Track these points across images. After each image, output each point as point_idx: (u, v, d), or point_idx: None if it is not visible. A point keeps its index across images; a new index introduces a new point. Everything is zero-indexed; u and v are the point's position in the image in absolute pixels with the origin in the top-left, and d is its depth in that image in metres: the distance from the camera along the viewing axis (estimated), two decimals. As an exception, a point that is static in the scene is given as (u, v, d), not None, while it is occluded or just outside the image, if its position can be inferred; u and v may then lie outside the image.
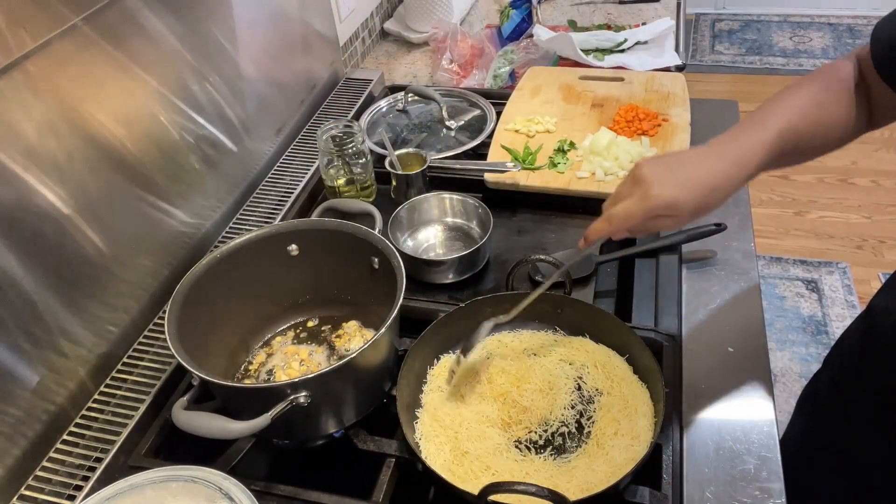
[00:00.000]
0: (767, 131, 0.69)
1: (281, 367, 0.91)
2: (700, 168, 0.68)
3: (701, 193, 0.67)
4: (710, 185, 0.67)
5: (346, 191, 1.19)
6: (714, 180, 0.67)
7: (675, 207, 0.67)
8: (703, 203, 0.67)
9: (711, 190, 0.67)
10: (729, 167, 0.68)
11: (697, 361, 0.88)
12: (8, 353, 0.77)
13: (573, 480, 0.74)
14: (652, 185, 0.67)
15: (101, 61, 0.88)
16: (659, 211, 0.68)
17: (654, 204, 0.67)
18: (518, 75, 1.54)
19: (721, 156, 0.69)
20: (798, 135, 0.70)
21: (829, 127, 0.73)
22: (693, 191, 0.67)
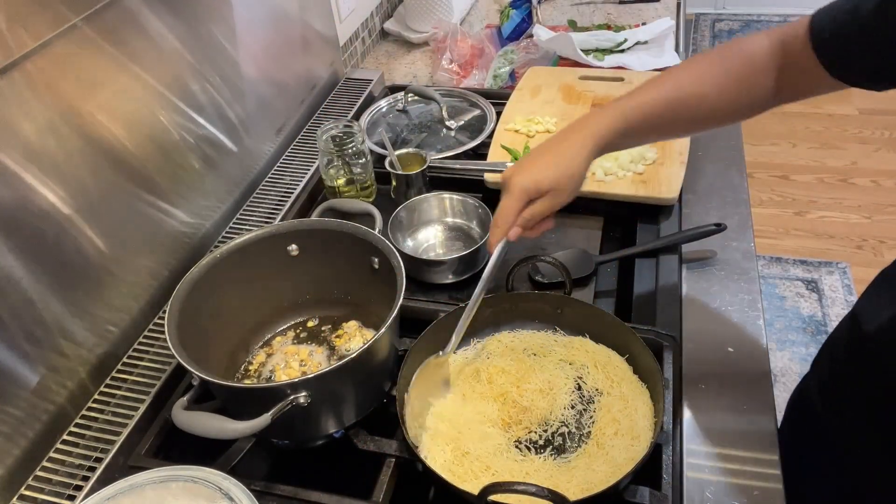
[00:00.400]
0: (616, 111, 0.79)
1: (281, 367, 0.91)
2: (551, 151, 0.79)
3: (559, 165, 0.77)
4: (563, 157, 0.77)
5: (346, 191, 1.19)
6: (566, 151, 0.78)
7: (537, 186, 0.77)
8: (561, 171, 0.77)
9: (569, 159, 0.77)
10: (573, 145, 0.78)
11: (697, 361, 0.88)
12: (8, 353, 0.77)
13: (573, 480, 0.74)
14: (510, 178, 0.78)
15: (101, 61, 0.88)
16: (526, 195, 0.77)
17: (517, 190, 0.77)
18: (518, 75, 1.54)
19: (568, 137, 0.79)
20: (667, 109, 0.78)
21: (719, 102, 0.78)
22: (549, 166, 0.77)
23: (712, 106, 0.78)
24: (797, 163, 2.98)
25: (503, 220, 0.78)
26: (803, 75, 0.74)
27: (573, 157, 0.77)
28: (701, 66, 0.79)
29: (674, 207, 1.13)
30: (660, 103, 0.78)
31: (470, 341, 0.91)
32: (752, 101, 0.79)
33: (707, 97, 0.78)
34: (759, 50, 0.76)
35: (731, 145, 1.24)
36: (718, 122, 0.82)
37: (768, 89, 0.77)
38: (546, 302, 0.91)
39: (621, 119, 0.78)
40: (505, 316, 0.92)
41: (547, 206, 0.78)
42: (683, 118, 0.80)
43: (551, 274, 1.00)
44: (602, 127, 0.78)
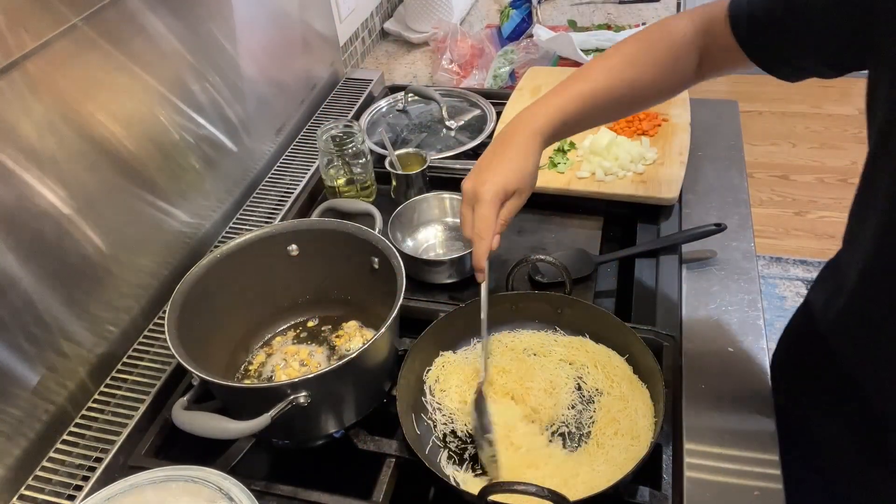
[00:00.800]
0: (552, 106, 0.81)
1: (281, 367, 0.91)
2: (501, 155, 0.80)
3: (516, 165, 0.79)
4: (515, 159, 0.79)
5: (346, 191, 1.19)
6: (517, 154, 0.79)
7: (506, 188, 0.78)
8: (521, 171, 0.79)
9: (522, 159, 0.79)
10: (522, 145, 0.80)
11: (697, 361, 0.88)
12: (8, 353, 0.77)
13: (573, 480, 0.74)
14: (477, 188, 0.78)
15: (101, 61, 0.88)
16: (498, 197, 0.78)
17: (490, 196, 0.77)
18: (518, 75, 1.54)
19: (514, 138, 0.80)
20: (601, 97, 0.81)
21: (646, 84, 0.82)
22: (508, 170, 0.78)
23: (643, 89, 0.82)
24: (797, 163, 2.98)
25: (486, 230, 0.78)
26: (725, 54, 0.78)
27: (526, 157, 0.79)
28: (629, 52, 0.82)
29: (674, 207, 1.13)
30: (595, 92, 0.81)
31: (470, 341, 0.91)
32: (678, 80, 0.83)
33: (637, 82, 0.81)
34: (682, 32, 0.80)
35: (731, 145, 1.24)
36: (648, 104, 0.87)
37: (692, 68, 0.82)
38: (546, 302, 0.91)
39: (559, 113, 0.80)
40: (505, 316, 0.92)
41: (515, 207, 0.80)
42: (617, 104, 0.83)
43: (551, 274, 1.00)
44: (543, 123, 0.80)
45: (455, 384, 0.86)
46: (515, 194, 0.79)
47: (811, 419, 0.85)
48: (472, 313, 0.90)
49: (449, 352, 0.90)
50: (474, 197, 0.78)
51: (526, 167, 0.79)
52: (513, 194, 0.79)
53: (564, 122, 0.81)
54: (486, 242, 0.79)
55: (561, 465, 0.76)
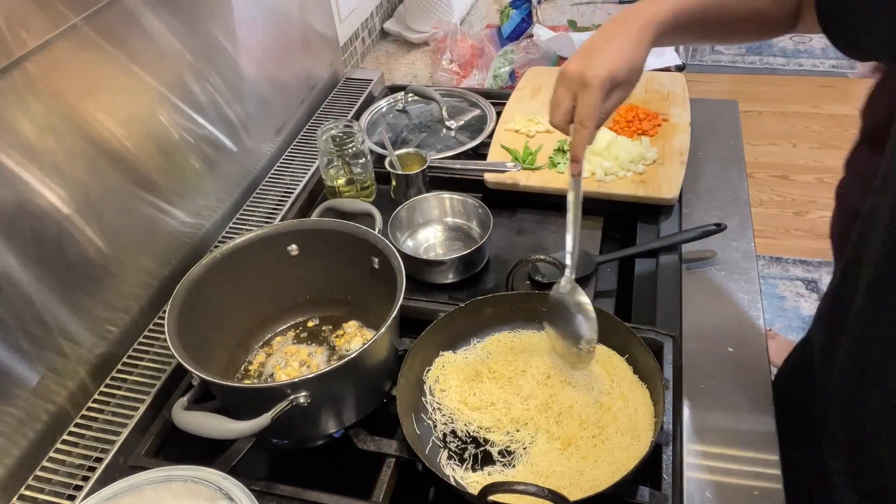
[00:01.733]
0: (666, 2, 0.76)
1: (281, 367, 0.91)
2: (612, 41, 0.75)
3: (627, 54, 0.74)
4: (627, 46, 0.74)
5: (346, 191, 1.19)
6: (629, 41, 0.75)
7: (615, 76, 0.73)
8: (632, 61, 0.74)
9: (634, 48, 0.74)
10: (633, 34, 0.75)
11: (697, 361, 0.88)
12: (8, 353, 0.77)
13: (573, 480, 0.74)
14: (585, 72, 0.73)
15: (101, 61, 0.88)
16: (606, 85, 0.73)
17: (599, 81, 0.72)
18: (518, 75, 1.54)
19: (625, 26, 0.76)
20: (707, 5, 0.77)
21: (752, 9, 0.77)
22: (619, 58, 0.74)
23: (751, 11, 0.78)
24: (797, 163, 2.98)
25: (590, 118, 0.73)
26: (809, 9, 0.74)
27: (637, 47, 0.74)
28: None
29: (674, 207, 1.13)
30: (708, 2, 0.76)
31: (470, 341, 0.91)
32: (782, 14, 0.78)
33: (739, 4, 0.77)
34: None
35: (731, 145, 1.24)
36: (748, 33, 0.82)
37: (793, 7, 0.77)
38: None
39: (674, 11, 0.76)
40: (505, 316, 0.92)
41: (620, 99, 0.76)
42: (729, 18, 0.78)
43: (551, 274, 1.00)
44: (659, 17, 0.75)
45: (455, 384, 0.86)
46: (621, 86, 0.74)
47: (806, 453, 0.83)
48: (472, 313, 0.90)
49: (449, 352, 0.90)
50: (580, 81, 0.73)
51: (637, 58, 0.74)
52: (619, 85, 0.74)
53: (677, 22, 0.76)
54: (588, 131, 0.74)
55: (561, 464, 0.76)
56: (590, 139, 0.75)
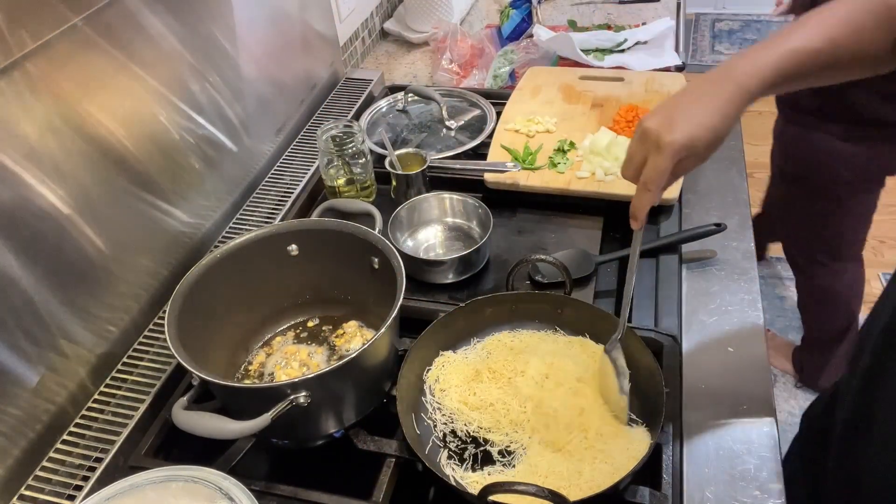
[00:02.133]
0: (768, 60, 0.69)
1: (281, 367, 0.91)
2: (699, 103, 0.69)
3: (711, 123, 0.68)
4: (715, 114, 0.68)
5: (346, 191, 1.19)
6: (717, 109, 0.68)
7: (693, 145, 0.68)
8: (715, 131, 0.68)
9: (721, 117, 0.68)
10: (722, 100, 0.69)
11: (697, 361, 0.88)
12: (8, 353, 0.77)
13: (573, 480, 0.74)
14: (662, 134, 0.68)
15: (101, 61, 0.88)
16: (680, 153, 0.68)
17: (673, 149, 0.67)
18: (518, 75, 1.54)
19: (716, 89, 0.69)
20: (814, 56, 0.69)
21: (860, 50, 0.71)
22: (703, 124, 0.68)
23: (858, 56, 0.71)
24: (797, 163, 2.98)
25: (655, 182, 0.69)
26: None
27: (725, 117, 0.68)
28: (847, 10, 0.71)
29: (674, 207, 1.13)
30: (811, 51, 0.69)
31: (470, 341, 0.91)
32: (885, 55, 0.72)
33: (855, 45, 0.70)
34: None
35: (731, 145, 1.24)
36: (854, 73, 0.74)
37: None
38: (547, 302, 0.91)
39: (773, 70, 0.69)
40: (506, 315, 0.92)
41: (691, 166, 0.71)
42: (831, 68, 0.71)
43: (551, 274, 1.00)
44: (754, 82, 0.69)
45: (455, 384, 0.86)
46: (697, 155, 0.69)
47: None
48: (472, 313, 0.90)
49: (449, 351, 0.90)
50: (656, 142, 0.68)
51: (722, 128, 0.68)
52: (697, 154, 0.69)
53: (775, 81, 0.69)
54: (651, 195, 0.70)
55: (560, 464, 0.76)
56: (653, 201, 0.70)
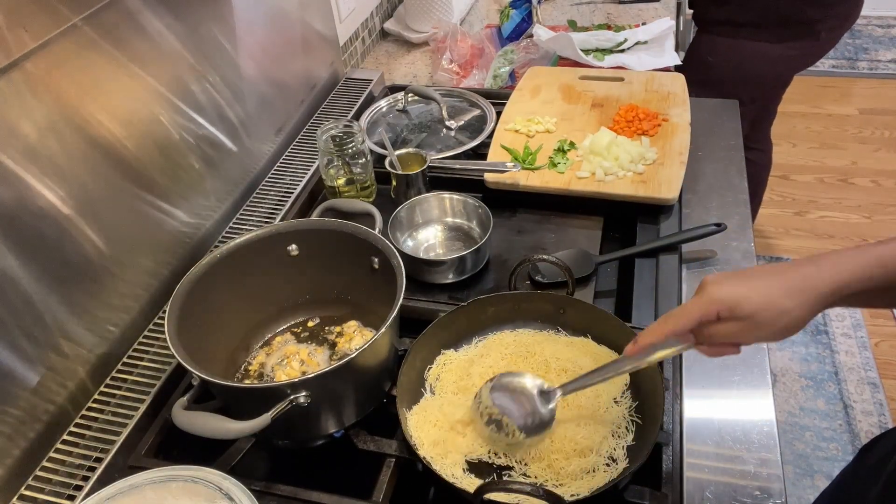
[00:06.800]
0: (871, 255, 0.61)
1: (281, 367, 0.91)
2: (776, 273, 0.63)
3: (766, 292, 0.61)
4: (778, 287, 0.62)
5: (346, 191, 1.18)
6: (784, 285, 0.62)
7: (736, 306, 0.62)
8: (769, 302, 0.61)
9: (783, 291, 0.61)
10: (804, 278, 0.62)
11: (697, 361, 0.88)
12: (8, 353, 0.77)
13: (570, 480, 0.74)
14: (710, 285, 0.64)
15: (101, 61, 0.88)
16: (715, 307, 0.63)
17: (707, 298, 0.63)
18: (518, 75, 1.54)
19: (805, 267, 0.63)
20: None
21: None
22: (756, 289, 0.62)
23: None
24: (797, 163, 2.98)
25: (672, 322, 0.65)
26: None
27: (796, 292, 0.61)
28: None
29: (674, 207, 1.13)
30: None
31: (472, 340, 0.91)
32: None
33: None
34: None
35: (731, 145, 1.24)
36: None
37: None
38: (549, 302, 0.91)
39: (877, 264, 0.61)
40: (507, 315, 0.92)
41: (733, 332, 0.63)
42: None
43: (551, 274, 1.00)
44: (850, 274, 0.61)
45: (454, 380, 0.86)
46: (746, 321, 0.62)
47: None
48: (474, 312, 0.90)
49: (451, 350, 0.90)
50: (700, 287, 0.65)
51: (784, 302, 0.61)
52: (741, 317, 0.62)
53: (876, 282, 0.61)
54: (659, 328, 0.67)
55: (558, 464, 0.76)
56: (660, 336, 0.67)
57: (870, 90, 3.37)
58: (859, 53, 3.60)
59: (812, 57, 1.81)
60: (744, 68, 1.75)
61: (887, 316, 2.27)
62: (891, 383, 2.07)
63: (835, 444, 1.92)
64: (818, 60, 1.84)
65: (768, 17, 1.66)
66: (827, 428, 1.97)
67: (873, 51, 3.61)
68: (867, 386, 2.06)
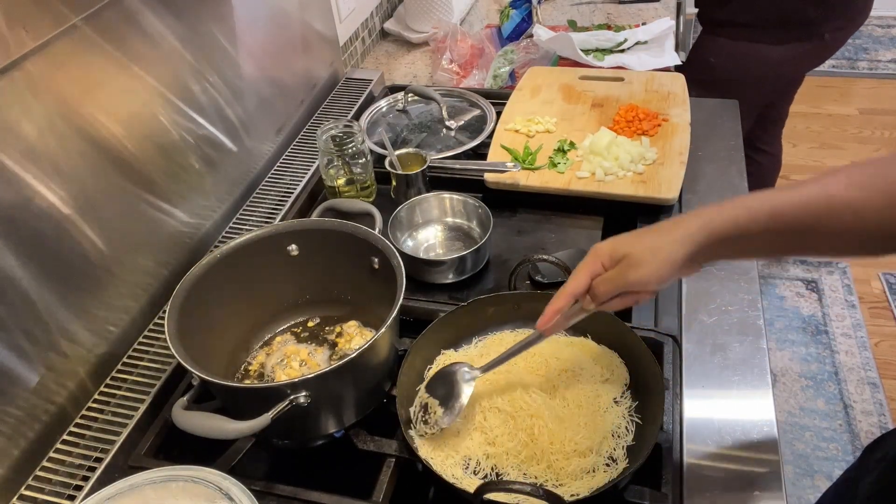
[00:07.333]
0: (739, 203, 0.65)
1: (281, 367, 0.91)
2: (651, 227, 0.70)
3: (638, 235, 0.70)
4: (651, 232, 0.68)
5: (346, 191, 1.19)
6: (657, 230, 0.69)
7: (613, 251, 0.69)
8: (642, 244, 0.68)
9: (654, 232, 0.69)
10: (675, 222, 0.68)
11: (697, 361, 0.88)
12: (8, 353, 0.77)
13: (571, 480, 0.74)
14: (595, 246, 0.70)
15: (101, 61, 0.88)
16: (597, 257, 0.70)
17: (592, 253, 0.70)
18: (518, 75, 1.54)
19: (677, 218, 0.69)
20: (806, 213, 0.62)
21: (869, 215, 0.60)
22: (631, 236, 0.70)
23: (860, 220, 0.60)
24: (797, 163, 2.98)
25: (568, 284, 0.70)
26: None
27: (666, 232, 0.67)
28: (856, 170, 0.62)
29: (674, 207, 1.13)
30: (801, 204, 0.62)
31: (472, 339, 0.91)
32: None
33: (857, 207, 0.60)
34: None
35: (731, 145, 1.24)
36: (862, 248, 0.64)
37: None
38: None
39: (744, 211, 0.64)
40: (507, 315, 0.92)
41: (617, 276, 0.68)
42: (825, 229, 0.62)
43: (551, 274, 1.00)
44: (717, 215, 0.65)
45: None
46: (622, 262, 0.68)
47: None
48: (474, 312, 0.90)
49: (451, 349, 0.90)
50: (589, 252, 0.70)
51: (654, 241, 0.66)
52: (619, 261, 0.68)
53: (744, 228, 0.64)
54: (560, 297, 0.71)
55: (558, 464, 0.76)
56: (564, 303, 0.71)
57: (870, 90, 3.37)
58: (859, 53, 3.60)
59: (817, 59, 1.80)
60: (747, 70, 1.75)
61: (887, 316, 2.27)
62: (891, 383, 2.07)
63: (835, 444, 1.92)
64: (823, 62, 1.83)
65: (770, 17, 1.66)
66: (827, 428, 1.97)
67: (873, 51, 3.62)
68: (867, 386, 2.06)
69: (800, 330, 2.24)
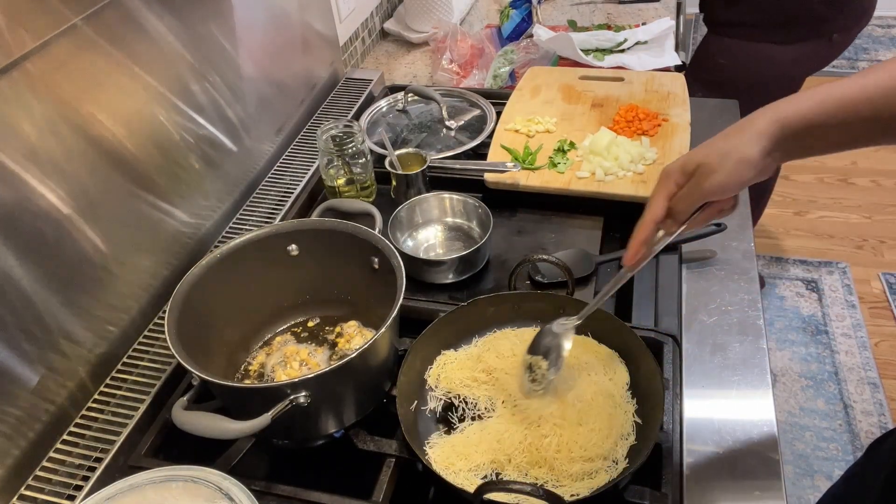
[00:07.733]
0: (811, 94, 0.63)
1: (281, 367, 0.91)
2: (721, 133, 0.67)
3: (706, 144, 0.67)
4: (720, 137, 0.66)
5: (346, 191, 1.19)
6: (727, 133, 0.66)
7: (684, 166, 0.67)
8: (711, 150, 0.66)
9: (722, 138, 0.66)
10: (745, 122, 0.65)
11: (697, 361, 0.88)
12: (8, 353, 0.77)
13: (571, 479, 0.74)
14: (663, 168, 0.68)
15: (101, 61, 0.88)
16: (669, 178, 0.68)
17: (664, 174, 0.68)
18: (518, 75, 1.54)
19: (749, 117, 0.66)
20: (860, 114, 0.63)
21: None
22: (698, 147, 0.68)
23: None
24: (797, 163, 2.98)
25: (647, 212, 0.68)
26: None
27: (735, 134, 0.64)
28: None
29: (674, 207, 1.13)
30: (871, 89, 0.61)
31: (472, 340, 0.91)
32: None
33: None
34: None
35: (731, 145, 1.24)
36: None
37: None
38: (549, 302, 0.91)
39: (811, 103, 0.62)
40: (507, 315, 0.92)
41: (694, 190, 0.66)
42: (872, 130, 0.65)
43: (551, 274, 1.00)
44: (785, 108, 0.63)
45: (456, 379, 0.86)
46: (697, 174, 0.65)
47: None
48: (474, 312, 0.90)
49: (451, 350, 0.90)
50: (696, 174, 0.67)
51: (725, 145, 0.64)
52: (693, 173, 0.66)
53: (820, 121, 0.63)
54: (642, 227, 0.69)
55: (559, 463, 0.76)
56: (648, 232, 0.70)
57: (870, 90, 3.37)
58: (859, 53, 3.60)
59: (824, 59, 1.79)
60: (754, 70, 1.74)
61: (887, 316, 2.27)
62: (891, 383, 2.07)
63: (835, 444, 1.92)
64: (830, 63, 1.82)
65: (777, 17, 1.65)
66: (827, 428, 1.97)
67: (873, 51, 3.62)
68: (867, 386, 2.06)
69: (800, 330, 2.24)
